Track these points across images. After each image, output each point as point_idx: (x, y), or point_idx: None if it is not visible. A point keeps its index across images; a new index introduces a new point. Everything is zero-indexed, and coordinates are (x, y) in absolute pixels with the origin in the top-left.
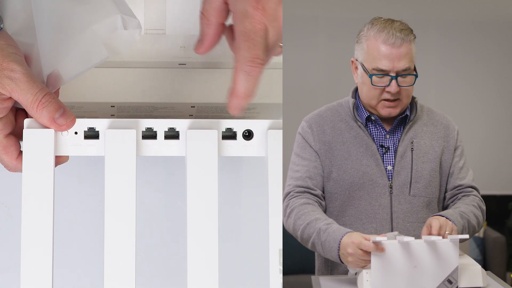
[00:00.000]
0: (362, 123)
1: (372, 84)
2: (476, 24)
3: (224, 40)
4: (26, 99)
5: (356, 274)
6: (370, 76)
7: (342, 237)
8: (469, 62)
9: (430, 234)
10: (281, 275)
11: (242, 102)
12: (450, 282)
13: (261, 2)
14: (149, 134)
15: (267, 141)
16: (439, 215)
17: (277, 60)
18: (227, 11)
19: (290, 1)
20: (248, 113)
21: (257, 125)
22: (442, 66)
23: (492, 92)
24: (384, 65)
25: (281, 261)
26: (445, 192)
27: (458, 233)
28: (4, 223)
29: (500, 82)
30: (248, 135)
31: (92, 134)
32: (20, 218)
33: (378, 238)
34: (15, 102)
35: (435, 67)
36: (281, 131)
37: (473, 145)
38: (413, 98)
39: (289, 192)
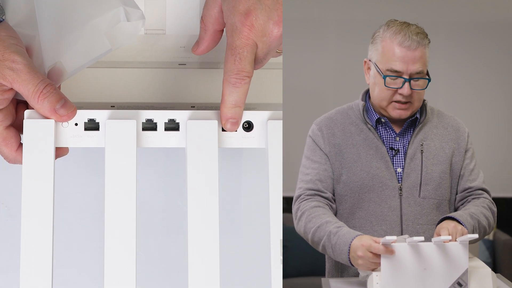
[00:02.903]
0: (372, 126)
1: (385, 85)
2: (485, 27)
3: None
4: (27, 90)
5: (367, 276)
6: (384, 77)
7: (352, 240)
8: (478, 65)
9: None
10: (281, 265)
11: (231, 112)
12: (460, 284)
13: (250, 18)
14: (149, 126)
15: (267, 132)
16: (448, 218)
17: (277, 60)
18: (224, 20)
19: (298, 2)
20: None
21: (257, 116)
22: (450, 69)
23: (502, 94)
24: (398, 66)
25: (282, 252)
26: (456, 194)
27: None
28: (4, 223)
29: (509, 84)
30: (248, 126)
31: (92, 126)
32: (20, 218)
33: (388, 237)
34: (16, 94)
35: (444, 70)
36: (281, 121)
37: (482, 147)
38: (423, 100)
39: (300, 195)
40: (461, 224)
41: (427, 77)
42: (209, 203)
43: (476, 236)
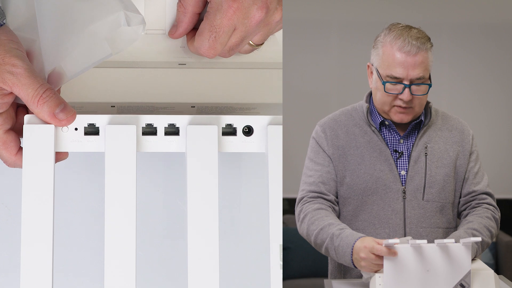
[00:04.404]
0: (376, 128)
1: (385, 91)
2: (488, 29)
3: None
4: (27, 94)
5: (370, 278)
6: (384, 83)
7: (355, 242)
8: (481, 67)
9: None
10: (281, 270)
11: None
12: (462, 286)
13: (237, 1)
14: (149, 131)
15: (267, 137)
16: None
17: (278, 60)
18: (204, 2)
19: (301, 3)
20: (248, 113)
21: (257, 121)
22: (453, 71)
23: (505, 96)
24: (398, 72)
25: (281, 256)
26: (460, 197)
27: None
28: (4, 223)
29: None
30: (248, 131)
31: (92, 130)
32: (20, 218)
33: (390, 240)
34: (16, 98)
35: (447, 72)
36: (281, 126)
37: (485, 149)
38: (428, 103)
39: (303, 197)
40: None
41: (428, 82)
42: (209, 208)
43: (479, 239)
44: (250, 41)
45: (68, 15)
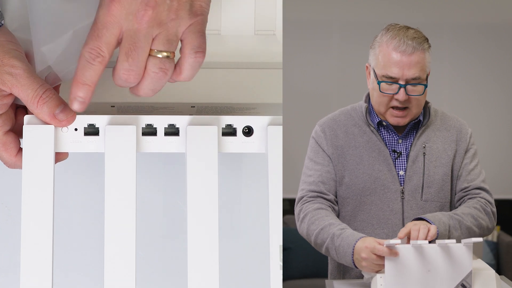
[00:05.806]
0: (374, 128)
1: (380, 91)
2: (488, 29)
3: (223, 40)
4: (26, 95)
5: (371, 278)
6: (379, 83)
7: (356, 242)
8: (482, 67)
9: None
10: (281, 271)
11: (82, 91)
12: (464, 286)
13: None
14: (149, 131)
15: (267, 138)
16: (418, 218)
17: (278, 60)
18: None
19: (302, 4)
20: (247, 113)
21: (257, 121)
22: (454, 71)
23: (505, 95)
24: (393, 72)
25: (281, 257)
26: (455, 194)
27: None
28: (4, 223)
29: None
30: (248, 131)
31: (92, 131)
32: (20, 218)
33: (391, 241)
34: (16, 99)
35: (448, 72)
36: (281, 127)
37: (485, 149)
38: (426, 102)
39: (302, 197)
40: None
41: (424, 82)
42: (209, 208)
43: (480, 239)
44: (155, 50)
45: (56, 16)
